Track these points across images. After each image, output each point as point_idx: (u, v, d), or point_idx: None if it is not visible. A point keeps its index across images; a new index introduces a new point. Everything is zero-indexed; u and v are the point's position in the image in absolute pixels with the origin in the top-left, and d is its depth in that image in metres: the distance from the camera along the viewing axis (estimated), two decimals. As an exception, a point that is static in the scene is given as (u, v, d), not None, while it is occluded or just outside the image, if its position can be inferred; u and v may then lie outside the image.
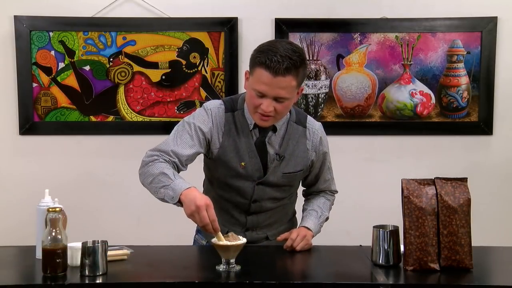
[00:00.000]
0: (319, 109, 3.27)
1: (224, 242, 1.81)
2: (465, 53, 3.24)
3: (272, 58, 1.92)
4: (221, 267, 1.81)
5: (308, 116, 2.24)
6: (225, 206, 2.18)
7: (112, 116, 3.27)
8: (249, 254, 1.95)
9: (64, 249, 1.78)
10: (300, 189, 2.36)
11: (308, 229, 2.17)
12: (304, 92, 3.24)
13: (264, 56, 1.94)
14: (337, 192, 2.37)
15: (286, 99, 1.99)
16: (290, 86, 1.97)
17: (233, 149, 2.10)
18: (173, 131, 2.11)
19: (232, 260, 1.81)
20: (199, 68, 3.26)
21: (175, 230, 3.17)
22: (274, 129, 2.12)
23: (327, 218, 2.29)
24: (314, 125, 2.22)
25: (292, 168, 2.15)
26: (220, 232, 1.85)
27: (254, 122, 2.09)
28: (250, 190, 2.13)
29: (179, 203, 1.91)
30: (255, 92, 1.99)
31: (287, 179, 2.17)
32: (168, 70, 3.26)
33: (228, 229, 2.14)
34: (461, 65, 3.24)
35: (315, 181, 2.29)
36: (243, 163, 2.10)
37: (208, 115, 2.11)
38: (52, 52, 3.23)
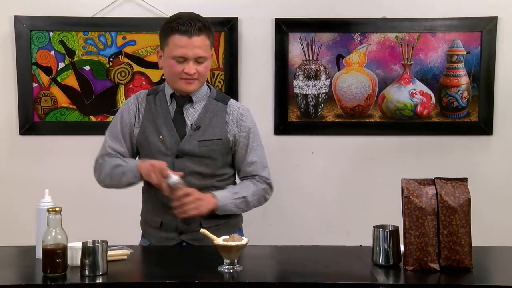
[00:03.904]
0: (319, 109, 3.27)
1: (226, 242, 1.81)
2: (465, 53, 3.24)
3: (184, 23, 2.11)
4: (224, 268, 1.81)
5: (232, 99, 2.32)
6: (154, 192, 2.20)
7: (112, 116, 3.25)
8: (249, 254, 1.95)
9: (64, 249, 1.78)
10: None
11: (214, 197, 2.15)
12: (304, 92, 3.24)
13: (175, 24, 2.13)
14: (269, 180, 2.29)
15: (205, 59, 2.16)
16: (205, 45, 2.15)
17: (152, 124, 2.21)
18: (106, 130, 2.31)
19: (234, 261, 1.81)
20: (199, 68, 3.26)
21: (175, 230, 3.18)
22: (191, 100, 2.22)
23: (245, 199, 2.22)
24: (235, 104, 2.30)
25: (209, 136, 2.19)
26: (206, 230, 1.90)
27: (170, 96, 2.21)
28: (170, 165, 2.14)
29: (141, 177, 2.15)
30: (175, 59, 2.14)
31: (205, 148, 2.18)
32: (168, 70, 3.26)
33: (162, 219, 2.20)
34: (461, 65, 3.24)
35: (242, 162, 2.27)
36: (161, 136, 2.19)
37: (129, 102, 2.30)
38: (52, 52, 3.23)
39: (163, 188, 2.08)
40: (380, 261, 1.89)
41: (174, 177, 2.07)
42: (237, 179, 2.37)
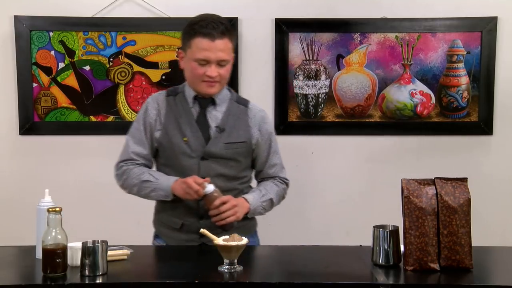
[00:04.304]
0: (319, 109, 3.27)
1: (226, 242, 1.81)
2: (465, 53, 3.24)
3: (207, 26, 2.12)
4: (224, 268, 1.81)
5: (251, 102, 2.33)
6: (177, 196, 2.19)
7: (112, 116, 3.27)
8: (250, 254, 1.95)
9: (64, 249, 1.78)
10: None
11: (246, 201, 2.18)
12: (304, 92, 3.25)
13: (198, 27, 2.14)
14: (288, 181, 2.35)
15: (227, 62, 2.17)
16: (228, 48, 2.16)
17: (175, 126, 2.20)
18: (127, 134, 2.29)
19: (235, 261, 1.81)
20: (199, 68, 3.26)
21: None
22: (213, 102, 2.22)
23: (271, 201, 2.26)
24: (256, 107, 2.32)
25: (234, 139, 2.20)
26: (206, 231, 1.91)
27: (193, 98, 2.20)
28: (196, 167, 2.16)
29: (174, 196, 2.14)
30: (197, 62, 2.13)
31: (231, 150, 2.19)
32: (168, 70, 3.26)
33: (183, 220, 2.19)
34: (461, 65, 3.24)
35: (264, 165, 2.30)
36: (185, 138, 2.18)
37: (148, 104, 2.27)
38: (52, 52, 3.23)
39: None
40: (380, 261, 1.88)
41: (210, 187, 2.08)
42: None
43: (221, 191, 2.14)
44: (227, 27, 2.16)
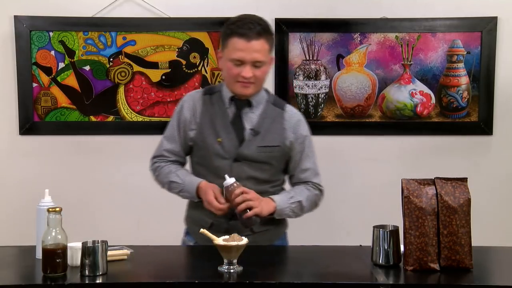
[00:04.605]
0: (319, 109, 3.27)
1: (226, 242, 1.81)
2: (465, 53, 3.24)
3: (243, 26, 2.11)
4: (224, 268, 1.81)
5: (288, 104, 2.31)
6: None
7: (112, 116, 3.27)
8: (250, 254, 1.95)
9: (64, 249, 1.78)
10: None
11: (273, 200, 2.16)
12: (304, 92, 3.24)
13: (235, 27, 2.13)
14: (321, 187, 2.32)
15: (263, 63, 2.13)
16: (264, 49, 2.13)
17: (209, 126, 2.19)
18: (164, 132, 2.31)
19: (234, 261, 1.81)
20: (199, 68, 3.26)
21: (175, 230, 3.17)
22: (249, 104, 2.20)
23: (300, 204, 2.23)
24: (292, 110, 2.30)
25: (268, 143, 2.18)
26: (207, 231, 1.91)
27: (230, 99, 2.19)
28: (228, 168, 2.15)
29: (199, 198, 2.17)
30: (232, 62, 2.12)
31: (264, 154, 2.17)
32: (168, 70, 3.26)
33: (213, 220, 2.18)
34: (461, 65, 3.24)
35: (295, 169, 2.28)
36: (219, 139, 2.17)
37: (184, 102, 2.27)
38: (52, 52, 3.23)
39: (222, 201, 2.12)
40: (380, 261, 1.88)
41: (230, 179, 2.08)
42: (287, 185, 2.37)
43: None
44: (264, 28, 2.14)
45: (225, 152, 2.16)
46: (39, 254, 1.86)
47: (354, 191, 3.29)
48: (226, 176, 2.09)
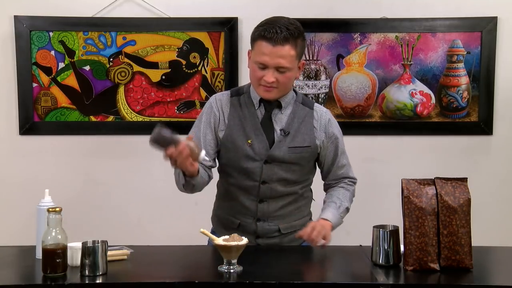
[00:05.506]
0: (319, 109, 3.26)
1: (226, 242, 1.81)
2: (465, 53, 3.24)
3: (270, 30, 2.04)
4: (224, 268, 1.81)
5: (316, 103, 2.28)
6: (235, 194, 2.19)
7: (112, 116, 3.27)
8: (250, 254, 1.95)
9: (64, 249, 1.78)
10: (317, 190, 2.34)
11: (326, 220, 2.17)
12: (304, 92, 3.24)
13: (263, 29, 2.06)
14: (356, 180, 2.35)
15: (287, 69, 2.07)
16: (290, 56, 2.06)
17: (239, 128, 2.16)
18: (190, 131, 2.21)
19: (234, 261, 1.81)
20: (199, 68, 3.26)
21: (175, 230, 3.17)
22: (279, 106, 2.18)
23: (347, 209, 2.28)
24: (321, 108, 2.27)
25: (299, 143, 2.17)
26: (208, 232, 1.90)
27: (259, 101, 2.16)
28: (258, 170, 2.14)
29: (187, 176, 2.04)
30: (257, 64, 2.08)
31: (294, 155, 2.16)
32: (168, 70, 3.26)
33: (240, 220, 2.18)
34: (461, 65, 3.24)
35: (331, 166, 2.28)
36: (249, 141, 2.14)
37: (212, 104, 2.21)
38: (52, 52, 3.23)
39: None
40: (380, 261, 1.88)
41: (203, 153, 1.97)
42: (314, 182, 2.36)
43: (281, 195, 2.16)
44: (291, 33, 2.05)
45: (256, 154, 2.14)
46: (39, 254, 1.86)
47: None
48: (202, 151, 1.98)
